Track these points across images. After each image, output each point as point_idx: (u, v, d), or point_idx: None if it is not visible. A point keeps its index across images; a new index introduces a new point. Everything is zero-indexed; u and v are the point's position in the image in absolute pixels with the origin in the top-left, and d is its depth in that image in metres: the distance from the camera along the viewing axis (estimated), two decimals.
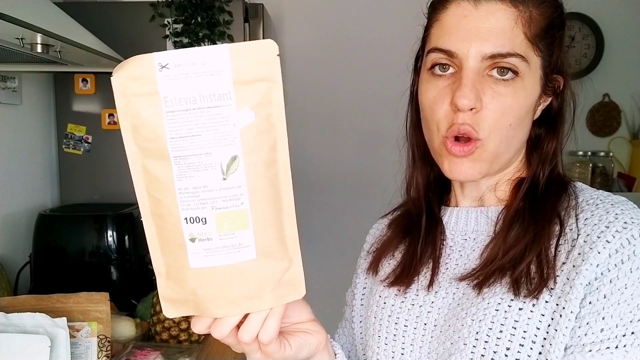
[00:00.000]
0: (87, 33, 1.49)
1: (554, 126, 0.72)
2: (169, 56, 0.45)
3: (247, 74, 0.47)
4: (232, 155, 0.47)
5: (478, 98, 0.64)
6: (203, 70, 0.46)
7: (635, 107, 2.64)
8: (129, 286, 1.70)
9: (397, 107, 0.81)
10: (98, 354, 1.16)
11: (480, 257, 0.70)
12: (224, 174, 0.47)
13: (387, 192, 0.86)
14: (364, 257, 0.86)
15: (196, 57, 0.45)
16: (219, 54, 0.46)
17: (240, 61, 0.46)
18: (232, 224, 0.48)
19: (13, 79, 1.76)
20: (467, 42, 0.64)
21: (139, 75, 0.46)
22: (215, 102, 0.46)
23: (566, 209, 0.66)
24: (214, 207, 0.48)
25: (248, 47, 0.46)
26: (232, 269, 0.49)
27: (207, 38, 1.88)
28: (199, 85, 0.46)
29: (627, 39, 2.62)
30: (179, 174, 0.47)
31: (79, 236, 1.71)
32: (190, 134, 0.46)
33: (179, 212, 0.48)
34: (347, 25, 2.58)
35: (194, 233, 0.48)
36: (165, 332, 1.40)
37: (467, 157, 0.66)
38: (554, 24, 0.67)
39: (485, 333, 0.63)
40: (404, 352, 0.72)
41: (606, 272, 0.60)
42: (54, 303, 1.17)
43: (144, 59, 0.46)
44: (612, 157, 2.62)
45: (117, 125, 1.95)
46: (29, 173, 1.88)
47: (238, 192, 0.48)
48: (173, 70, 0.45)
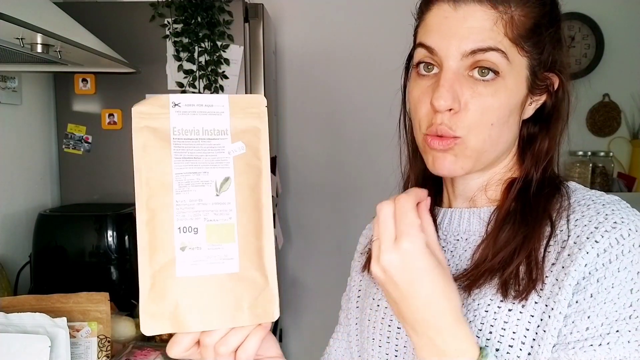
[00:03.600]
0: (87, 33, 1.49)
1: (547, 125, 0.71)
2: (182, 97, 0.56)
3: (241, 117, 0.57)
4: (225, 176, 0.56)
5: (456, 99, 0.64)
6: (208, 110, 0.56)
7: (635, 107, 2.64)
8: (129, 286, 1.70)
9: (392, 106, 0.81)
10: (98, 354, 1.16)
11: (471, 257, 0.70)
12: (217, 191, 0.55)
13: (385, 193, 0.86)
14: (357, 258, 0.86)
15: (203, 100, 0.56)
16: (221, 100, 0.57)
17: (237, 107, 0.57)
18: (220, 236, 0.55)
19: (13, 79, 1.76)
20: (446, 41, 0.64)
21: (155, 108, 0.55)
22: (214, 135, 0.56)
23: (558, 210, 0.66)
24: (206, 219, 0.54)
25: (242, 99, 0.58)
26: (216, 279, 0.54)
27: (207, 38, 1.88)
28: (203, 121, 0.56)
29: (627, 39, 2.62)
30: (179, 188, 0.54)
31: (79, 236, 1.71)
32: (192, 156, 0.55)
33: (173, 222, 0.54)
34: (346, 25, 2.57)
35: (186, 242, 0.54)
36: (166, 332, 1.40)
37: (447, 152, 0.66)
38: (540, 23, 0.66)
39: (475, 334, 0.64)
40: (397, 354, 0.73)
41: (594, 272, 0.60)
42: (54, 303, 1.17)
43: (162, 97, 0.56)
44: (612, 157, 2.62)
45: (117, 125, 1.96)
46: (29, 173, 1.88)
47: (228, 208, 0.55)
48: (184, 108, 0.56)
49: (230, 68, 1.92)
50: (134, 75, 1.77)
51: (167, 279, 0.53)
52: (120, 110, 1.96)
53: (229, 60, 1.91)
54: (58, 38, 1.21)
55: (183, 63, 1.90)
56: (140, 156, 0.54)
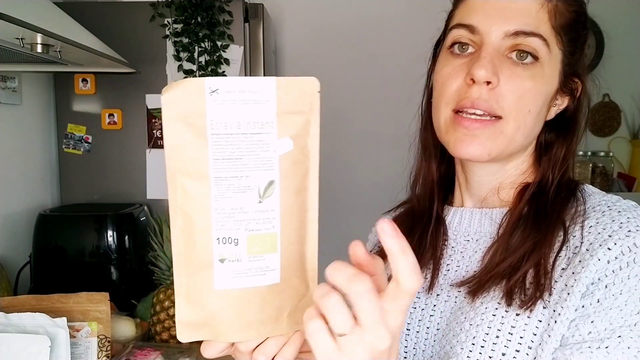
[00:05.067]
0: (87, 33, 1.49)
1: (566, 131, 0.70)
2: (220, 82, 0.46)
3: (290, 106, 0.49)
4: (269, 179, 0.49)
5: (495, 74, 0.62)
6: (250, 98, 0.47)
7: (635, 107, 2.64)
8: (129, 286, 1.69)
9: (392, 106, 0.81)
10: (98, 354, 1.16)
11: (482, 259, 0.69)
12: (260, 197, 0.48)
13: (385, 192, 0.86)
14: None
15: (245, 86, 0.47)
16: (267, 84, 0.48)
17: (285, 93, 0.48)
18: (262, 247, 0.49)
19: (13, 79, 1.76)
20: (491, 19, 0.63)
21: (188, 97, 0.46)
22: (258, 129, 0.48)
23: (572, 215, 0.65)
24: (247, 229, 0.48)
25: (293, 82, 0.49)
26: (256, 291, 0.50)
27: (207, 38, 1.88)
28: (244, 112, 0.47)
29: (627, 39, 2.62)
30: (217, 194, 0.47)
31: (79, 236, 1.71)
32: (232, 157, 0.47)
33: (211, 231, 0.48)
34: (347, 25, 2.57)
35: (225, 254, 0.48)
36: (165, 332, 1.40)
37: (479, 130, 0.64)
38: (578, 21, 0.67)
39: (482, 338, 0.63)
40: (406, 355, 0.72)
41: (603, 278, 0.59)
42: (54, 303, 1.17)
43: (196, 81, 0.46)
44: (612, 157, 2.62)
45: (117, 125, 1.96)
46: (29, 173, 1.88)
47: (271, 216, 0.49)
48: (222, 96, 0.46)
49: (230, 68, 1.92)
50: (134, 75, 1.77)
51: (205, 290, 0.49)
52: (120, 110, 1.96)
53: (229, 60, 1.91)
54: (58, 38, 1.21)
55: (183, 63, 1.90)
56: (173, 155, 0.47)
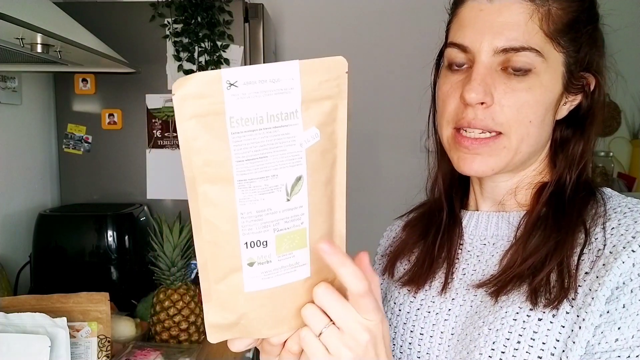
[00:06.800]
0: (87, 33, 1.49)
1: (582, 127, 0.69)
2: (239, 73, 0.41)
3: (315, 91, 0.44)
4: (297, 175, 0.45)
5: (488, 93, 0.63)
6: (272, 88, 0.42)
7: (635, 107, 2.64)
8: (129, 286, 1.69)
9: (393, 105, 0.81)
10: (98, 354, 1.16)
11: (499, 263, 0.67)
12: (288, 195, 0.45)
13: (388, 193, 0.85)
14: (378, 260, 0.84)
15: (266, 74, 0.42)
16: (290, 70, 0.43)
17: (310, 78, 0.44)
18: (291, 244, 0.47)
19: (13, 79, 1.76)
20: (479, 36, 0.63)
21: (204, 94, 0.41)
22: (282, 121, 0.43)
23: (593, 216, 0.63)
24: (276, 229, 0.45)
25: (319, 64, 0.44)
26: (287, 288, 0.48)
27: (207, 38, 1.88)
28: (266, 104, 0.42)
29: (627, 40, 2.62)
30: (243, 197, 0.44)
31: (79, 236, 1.71)
32: (256, 156, 0.43)
33: (239, 237, 0.45)
34: (347, 25, 2.57)
35: (254, 257, 0.46)
36: (165, 332, 1.40)
37: (478, 151, 0.64)
38: (579, 19, 0.65)
39: (502, 343, 0.61)
40: (420, 359, 0.70)
41: (628, 282, 0.57)
42: (54, 303, 1.17)
43: (211, 75, 0.41)
44: (612, 157, 2.62)
45: (117, 125, 1.96)
46: (29, 173, 1.88)
47: (299, 212, 0.46)
48: (242, 89, 0.41)
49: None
50: (134, 75, 1.77)
51: (234, 294, 0.47)
52: (120, 110, 1.96)
53: (229, 60, 1.91)
54: (58, 38, 1.21)
55: (183, 63, 1.90)
56: (191, 159, 0.43)
